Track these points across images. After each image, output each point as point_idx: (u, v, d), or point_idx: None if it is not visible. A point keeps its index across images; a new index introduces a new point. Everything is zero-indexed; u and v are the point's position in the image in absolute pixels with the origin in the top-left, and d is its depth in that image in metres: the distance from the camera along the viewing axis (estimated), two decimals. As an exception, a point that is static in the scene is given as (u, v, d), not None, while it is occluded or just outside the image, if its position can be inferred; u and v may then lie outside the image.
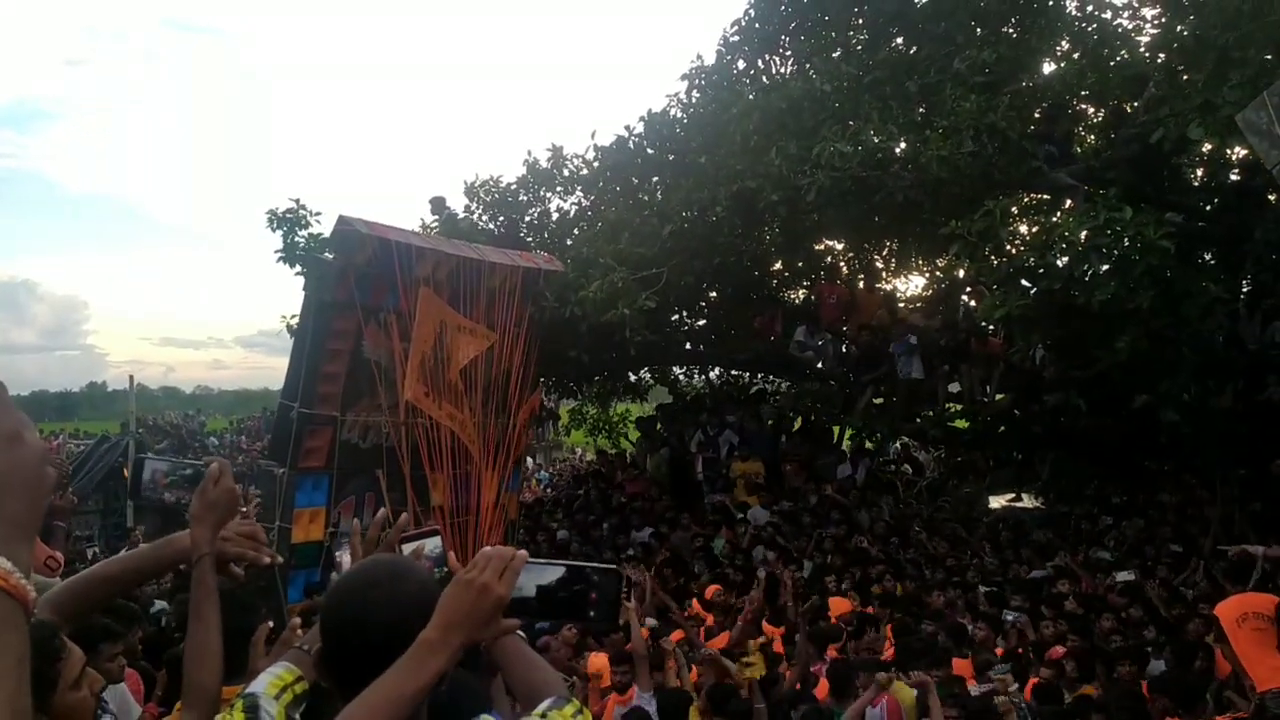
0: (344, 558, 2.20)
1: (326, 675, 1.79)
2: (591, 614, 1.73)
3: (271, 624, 2.92)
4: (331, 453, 9.78)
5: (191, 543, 2.19)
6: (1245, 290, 11.37)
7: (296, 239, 10.71)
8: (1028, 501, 15.92)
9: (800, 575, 10.54)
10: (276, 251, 10.74)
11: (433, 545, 2.10)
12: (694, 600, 9.76)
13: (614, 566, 1.82)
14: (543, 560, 1.74)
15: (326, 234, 10.17)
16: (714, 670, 7.03)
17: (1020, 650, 7.98)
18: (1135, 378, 10.71)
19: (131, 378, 14.00)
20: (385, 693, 1.51)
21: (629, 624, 6.75)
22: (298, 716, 1.80)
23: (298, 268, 10.69)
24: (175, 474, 2.77)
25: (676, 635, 7.71)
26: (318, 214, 10.69)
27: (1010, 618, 8.64)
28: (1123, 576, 9.31)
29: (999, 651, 7.94)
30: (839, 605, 9.30)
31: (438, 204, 13.68)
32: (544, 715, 1.70)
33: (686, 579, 10.73)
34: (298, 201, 10.70)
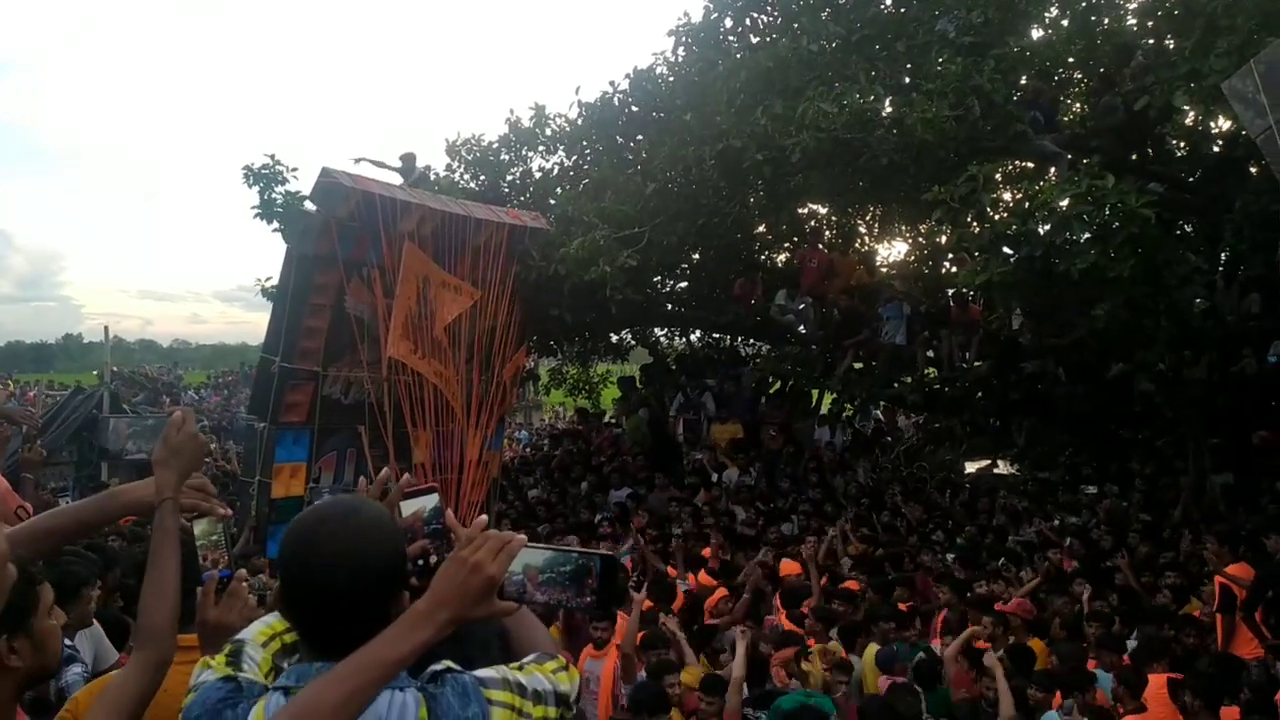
0: None
1: (286, 616, 1.79)
2: (590, 599, 1.74)
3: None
4: (313, 408, 9.79)
5: (155, 487, 2.18)
6: (1223, 261, 11.46)
7: (273, 195, 10.57)
8: (1004, 468, 16.09)
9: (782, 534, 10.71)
10: (253, 208, 10.61)
11: (432, 502, 2.10)
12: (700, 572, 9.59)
13: (611, 554, 1.83)
14: (540, 544, 1.74)
15: (304, 190, 10.06)
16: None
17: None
18: (1112, 347, 10.80)
19: (107, 329, 13.92)
20: (369, 657, 1.51)
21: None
22: (286, 665, 1.78)
23: (274, 224, 10.56)
24: (137, 425, 2.76)
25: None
26: (294, 170, 10.55)
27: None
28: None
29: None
30: (789, 567, 9.46)
31: (407, 161, 13.40)
32: (521, 667, 1.72)
33: (664, 540, 10.79)
34: (273, 157, 10.55)
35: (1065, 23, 11.75)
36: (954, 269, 14.29)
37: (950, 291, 13.70)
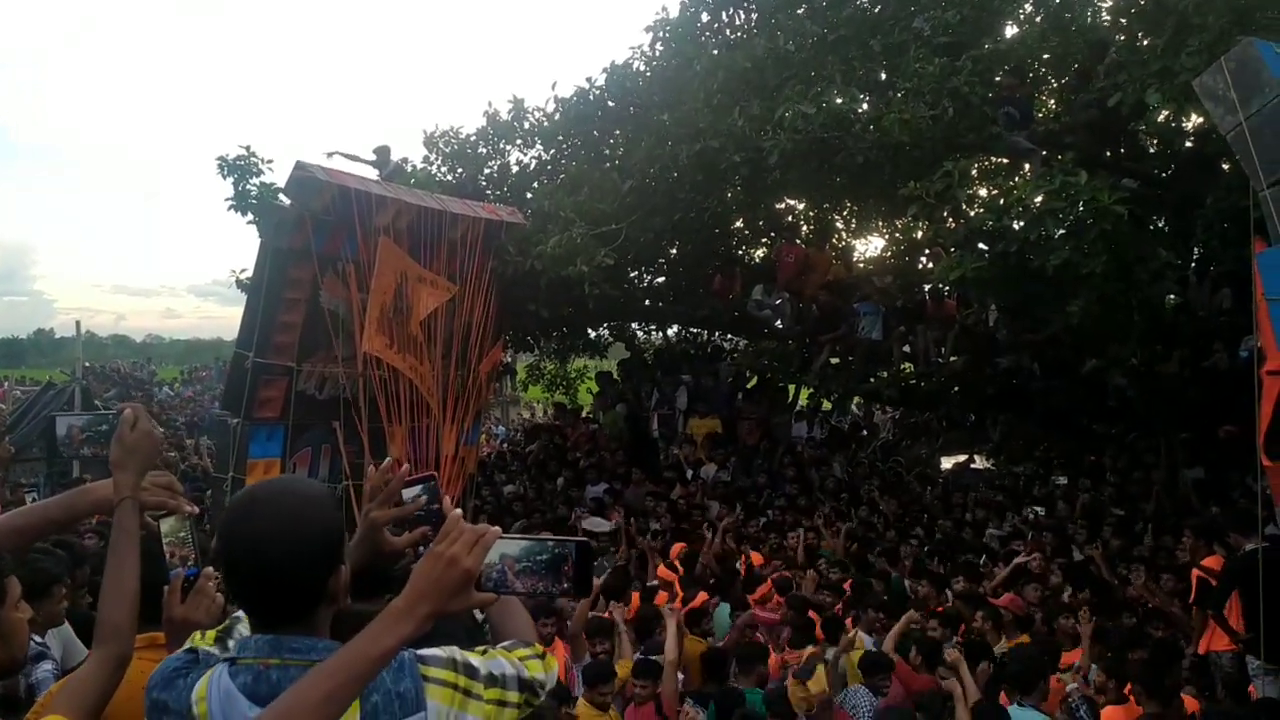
0: None
1: (232, 596, 1.82)
2: (566, 585, 1.76)
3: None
4: (287, 404, 9.73)
5: (114, 487, 2.17)
6: (1195, 257, 11.56)
7: (248, 187, 10.49)
8: (980, 463, 16.20)
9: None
10: (227, 200, 10.52)
11: (431, 490, 2.13)
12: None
13: (585, 539, 1.86)
14: (514, 535, 1.76)
15: (279, 182, 9.98)
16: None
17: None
18: (1086, 342, 10.89)
19: (79, 323, 13.70)
20: (351, 654, 1.53)
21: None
22: None
23: (249, 217, 10.48)
24: (91, 429, 2.73)
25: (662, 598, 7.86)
26: (269, 161, 10.46)
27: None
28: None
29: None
30: (755, 558, 9.72)
31: (382, 154, 13.31)
32: (485, 651, 1.76)
33: (642, 535, 10.82)
34: (248, 149, 10.46)
35: (1039, 19, 11.80)
36: (930, 264, 14.36)
37: (926, 287, 13.77)
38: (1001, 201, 9.30)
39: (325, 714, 1.48)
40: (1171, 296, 10.62)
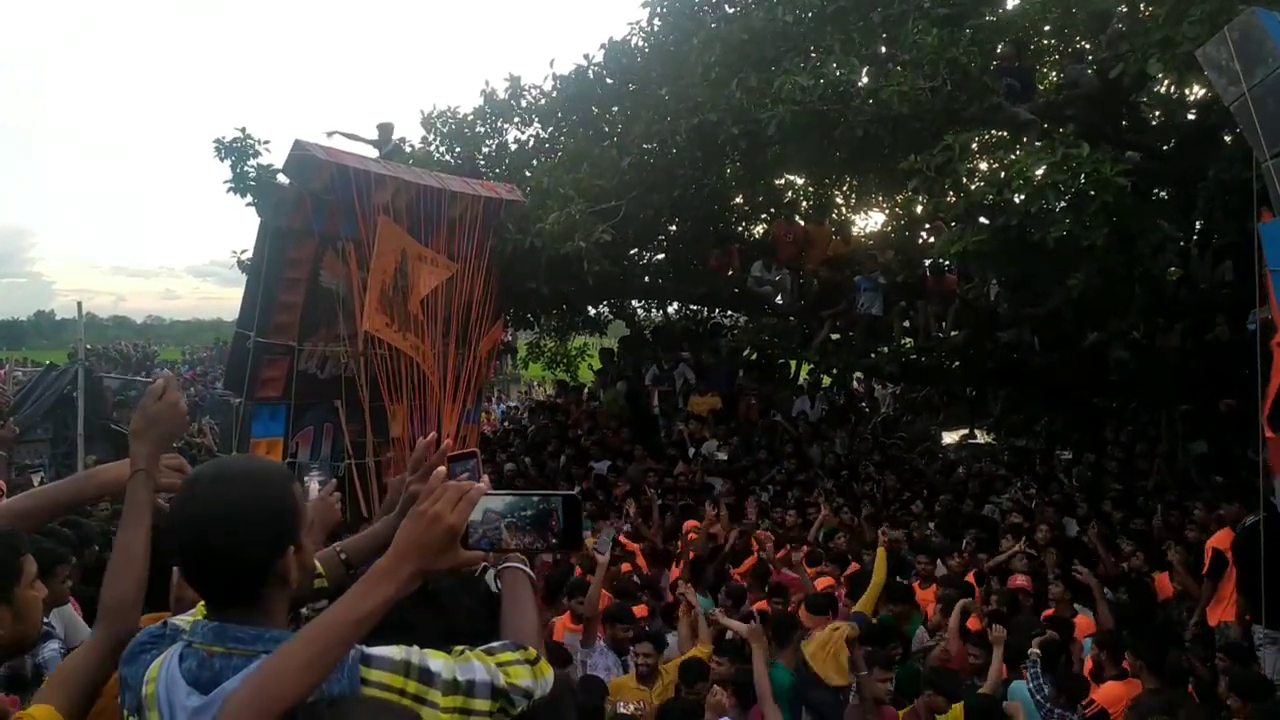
0: (312, 485, 2.17)
1: (183, 575, 1.79)
2: (554, 540, 1.75)
3: None
4: (289, 383, 9.72)
5: (130, 458, 2.11)
6: (1197, 230, 11.53)
7: (246, 168, 10.47)
8: (980, 437, 16.21)
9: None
10: (226, 182, 10.50)
11: (472, 470, 2.09)
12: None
13: (573, 492, 1.84)
14: (501, 491, 1.75)
15: (276, 163, 9.96)
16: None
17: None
18: (1087, 315, 10.88)
19: (80, 304, 13.68)
20: (332, 617, 1.51)
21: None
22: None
23: (248, 198, 10.47)
24: (123, 394, 2.70)
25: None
26: (266, 143, 10.44)
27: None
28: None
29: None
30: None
31: (385, 131, 13.23)
32: (462, 652, 1.65)
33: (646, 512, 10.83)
34: (243, 130, 10.43)
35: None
36: (930, 239, 14.32)
37: (926, 262, 13.75)
38: (1002, 175, 9.27)
39: (308, 680, 1.46)
40: (1173, 269, 10.60)
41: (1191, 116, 11.14)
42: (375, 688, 1.53)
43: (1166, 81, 10.10)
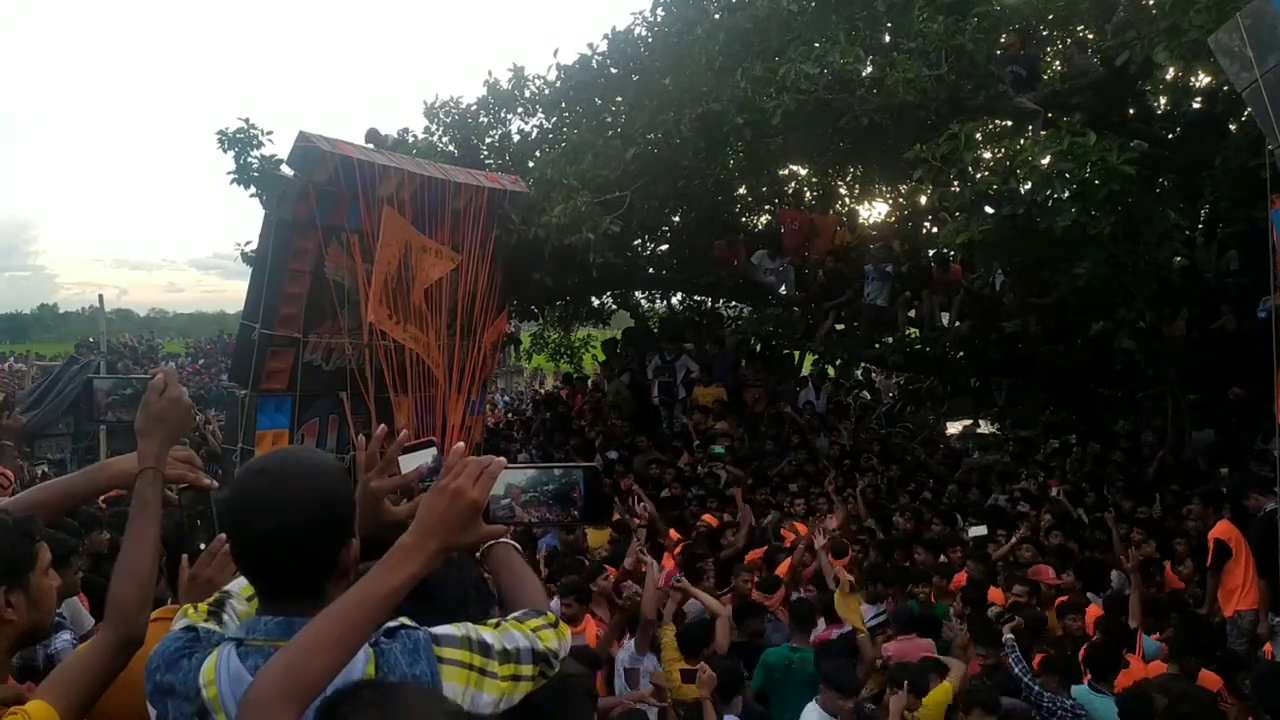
0: None
1: (240, 569, 1.79)
2: (575, 512, 1.75)
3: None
4: (294, 375, 9.72)
5: (138, 456, 2.10)
6: (1203, 218, 11.48)
7: (249, 160, 10.44)
8: (985, 427, 16.19)
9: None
10: (229, 173, 10.48)
11: (430, 457, 2.10)
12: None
13: (593, 464, 1.85)
14: (521, 465, 1.75)
15: (280, 154, 9.93)
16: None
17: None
18: (1092, 305, 10.85)
19: (101, 296, 14.03)
20: (360, 593, 1.52)
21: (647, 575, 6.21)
22: None
23: (252, 190, 10.44)
24: (117, 393, 2.68)
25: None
26: (270, 134, 10.40)
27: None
28: (975, 532, 9.17)
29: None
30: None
31: (372, 136, 13.01)
32: (498, 624, 1.71)
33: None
34: (247, 121, 10.40)
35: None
36: (935, 229, 14.29)
37: (931, 251, 13.71)
38: (1008, 163, 9.24)
39: (338, 657, 1.47)
40: (1179, 258, 10.56)
41: (1198, 104, 11.09)
42: (451, 664, 1.58)
43: (1173, 69, 10.05)
